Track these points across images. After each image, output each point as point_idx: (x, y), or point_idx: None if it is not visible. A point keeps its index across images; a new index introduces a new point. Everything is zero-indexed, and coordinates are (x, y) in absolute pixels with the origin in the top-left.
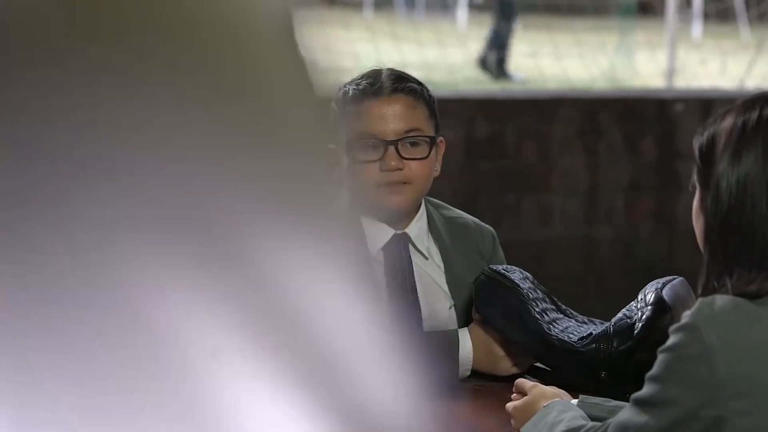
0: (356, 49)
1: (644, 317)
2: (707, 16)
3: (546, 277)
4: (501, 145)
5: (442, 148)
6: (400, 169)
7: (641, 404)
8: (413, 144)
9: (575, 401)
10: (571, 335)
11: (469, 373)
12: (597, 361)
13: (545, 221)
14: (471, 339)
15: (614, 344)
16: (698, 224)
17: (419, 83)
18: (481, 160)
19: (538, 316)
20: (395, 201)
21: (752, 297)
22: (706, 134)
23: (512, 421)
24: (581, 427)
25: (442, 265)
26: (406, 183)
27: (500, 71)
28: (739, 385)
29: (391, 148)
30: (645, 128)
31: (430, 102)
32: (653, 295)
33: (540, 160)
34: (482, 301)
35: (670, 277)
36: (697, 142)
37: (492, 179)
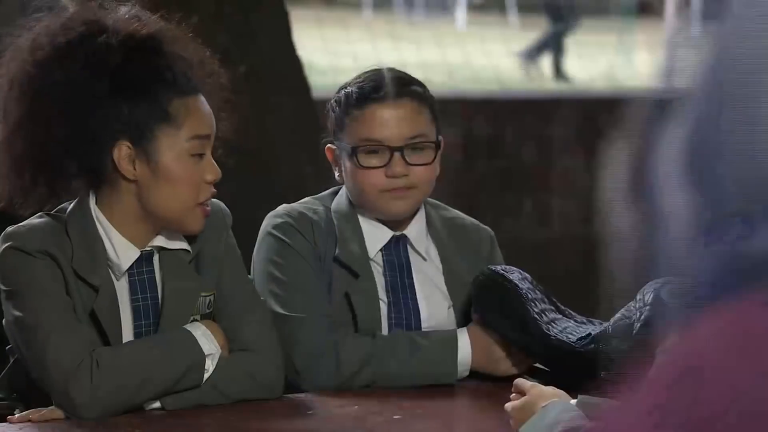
0: (355, 50)
1: (643, 318)
2: (706, 17)
3: (545, 278)
4: (500, 146)
5: (441, 147)
6: (406, 175)
7: None
8: (418, 149)
9: (574, 401)
10: (570, 335)
11: (468, 374)
12: (596, 362)
13: (544, 222)
14: (470, 339)
15: (613, 344)
16: None
17: (421, 85)
18: (481, 161)
19: (537, 317)
20: (399, 206)
21: None
22: None
23: (511, 422)
24: (580, 428)
25: (441, 266)
26: (411, 188)
27: (558, 72)
28: None
29: (397, 155)
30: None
31: (432, 104)
32: (652, 296)
33: (539, 161)
34: (481, 302)
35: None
36: None
37: (491, 179)
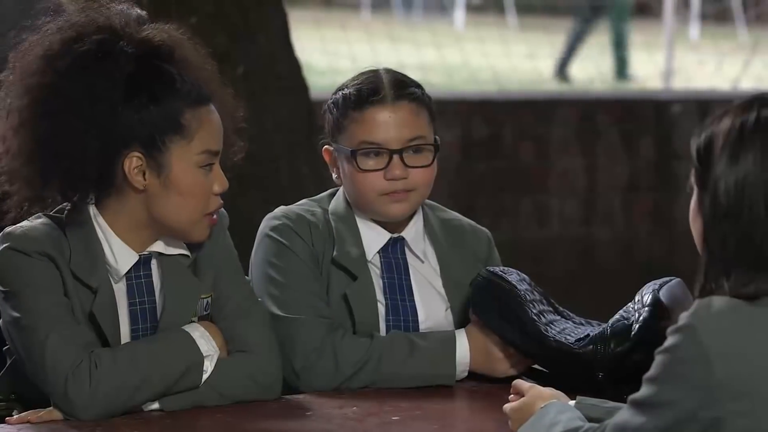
0: (353, 50)
1: (641, 318)
2: (705, 17)
3: (543, 278)
4: (498, 146)
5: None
6: (405, 178)
7: (639, 405)
8: (417, 151)
9: (572, 402)
10: (569, 337)
11: (466, 375)
12: (594, 363)
13: (543, 222)
14: (468, 340)
15: (611, 346)
16: (696, 226)
17: (419, 86)
18: (479, 161)
19: (536, 318)
20: (399, 209)
21: (749, 299)
22: (704, 136)
23: (509, 422)
24: (579, 428)
25: (438, 268)
26: (410, 190)
27: (561, 73)
28: (737, 387)
29: (396, 157)
30: (642, 129)
31: (431, 106)
32: (650, 297)
33: (538, 161)
34: (479, 303)
35: (668, 279)
36: (695, 144)
37: (489, 180)
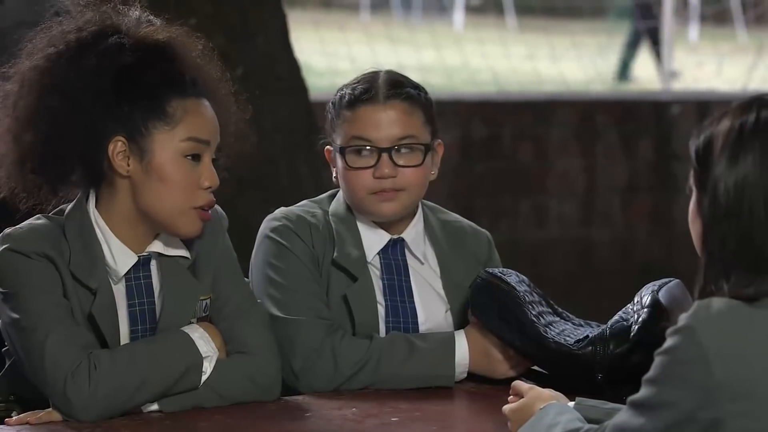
0: (353, 52)
1: (641, 320)
2: (704, 19)
3: (542, 279)
4: (498, 147)
5: (440, 152)
6: (393, 177)
7: (638, 407)
8: (408, 151)
9: (572, 404)
10: (568, 338)
11: (466, 376)
12: (593, 364)
13: (542, 223)
14: (467, 342)
15: (611, 347)
16: (695, 227)
17: (416, 87)
18: (478, 162)
19: (535, 319)
20: (387, 208)
21: (749, 300)
22: (703, 137)
23: (509, 424)
24: (578, 430)
25: (438, 269)
26: (400, 190)
27: (623, 74)
28: (736, 388)
29: (385, 155)
30: (641, 130)
31: (427, 107)
32: (649, 298)
33: (537, 162)
34: (478, 304)
35: (667, 280)
36: (694, 145)
37: (488, 181)
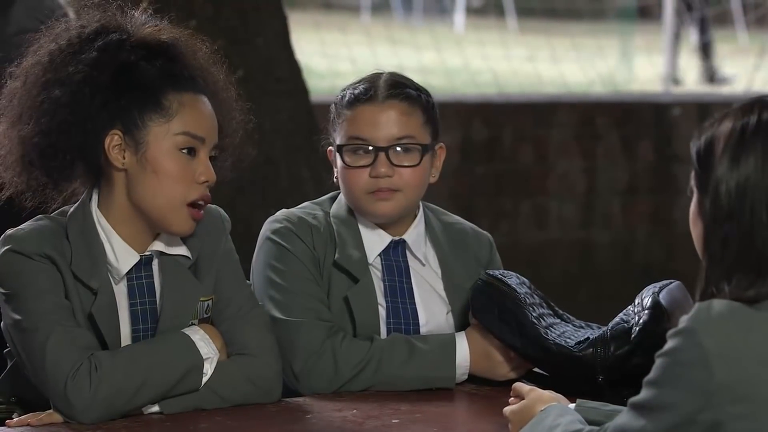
0: (353, 53)
1: (641, 321)
2: (705, 21)
3: (543, 281)
4: (498, 149)
5: (442, 155)
6: (390, 176)
7: (639, 408)
8: (405, 151)
9: (572, 405)
10: (568, 340)
11: (466, 378)
12: (594, 366)
13: (542, 225)
14: (468, 343)
15: (611, 349)
16: (696, 229)
17: (417, 89)
18: (478, 164)
19: (535, 321)
20: (383, 208)
21: (750, 302)
22: (704, 138)
23: (509, 425)
24: (579, 431)
25: (440, 271)
26: (396, 190)
27: (714, 77)
28: (737, 390)
29: (382, 155)
30: (642, 132)
31: (428, 108)
32: (650, 300)
33: (537, 164)
34: (479, 306)
35: (668, 282)
36: (695, 146)
37: (489, 183)
